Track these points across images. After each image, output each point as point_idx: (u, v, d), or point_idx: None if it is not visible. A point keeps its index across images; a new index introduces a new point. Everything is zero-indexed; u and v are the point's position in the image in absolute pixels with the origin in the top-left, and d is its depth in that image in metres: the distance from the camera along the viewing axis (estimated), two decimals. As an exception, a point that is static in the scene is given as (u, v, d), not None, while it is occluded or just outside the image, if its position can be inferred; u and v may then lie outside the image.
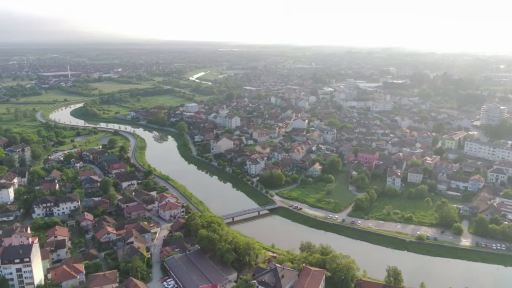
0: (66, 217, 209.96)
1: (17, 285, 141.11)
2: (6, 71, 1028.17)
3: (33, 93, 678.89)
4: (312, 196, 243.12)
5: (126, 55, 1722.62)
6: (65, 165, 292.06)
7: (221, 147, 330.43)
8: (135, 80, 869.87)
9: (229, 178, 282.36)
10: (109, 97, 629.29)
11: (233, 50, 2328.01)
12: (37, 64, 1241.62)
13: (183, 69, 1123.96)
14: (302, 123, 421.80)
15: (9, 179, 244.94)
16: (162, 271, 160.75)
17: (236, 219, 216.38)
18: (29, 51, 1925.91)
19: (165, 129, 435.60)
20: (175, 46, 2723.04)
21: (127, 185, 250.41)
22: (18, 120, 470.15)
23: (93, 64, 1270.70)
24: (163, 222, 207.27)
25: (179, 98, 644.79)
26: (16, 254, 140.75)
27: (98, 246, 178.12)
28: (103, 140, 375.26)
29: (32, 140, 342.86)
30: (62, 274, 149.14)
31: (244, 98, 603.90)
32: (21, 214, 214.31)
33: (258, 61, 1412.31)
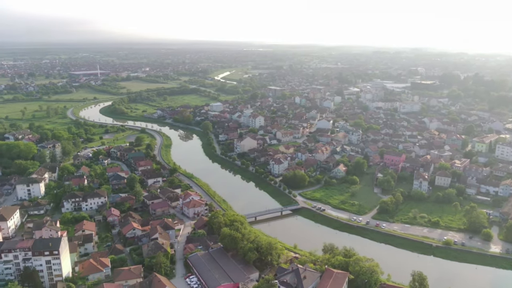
0: (93, 212, 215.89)
1: (46, 277, 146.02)
2: (39, 69, 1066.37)
3: (64, 91, 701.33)
4: (336, 198, 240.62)
5: (153, 54, 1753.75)
6: (94, 161, 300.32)
7: (245, 146, 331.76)
8: (162, 79, 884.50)
9: (252, 178, 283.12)
10: (136, 95, 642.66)
11: (258, 50, 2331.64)
12: (69, 63, 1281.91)
13: (208, 68, 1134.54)
14: (327, 123, 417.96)
15: (40, 174, 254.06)
16: (185, 267, 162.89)
17: (258, 219, 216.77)
18: (61, 50, 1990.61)
19: (190, 128, 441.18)
20: (202, 46, 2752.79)
21: (153, 182, 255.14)
22: (50, 117, 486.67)
23: (121, 64, 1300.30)
24: (186, 220, 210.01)
25: (204, 98, 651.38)
26: (46, 246, 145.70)
27: (123, 241, 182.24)
28: (130, 138, 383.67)
29: (62, 136, 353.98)
30: (89, 267, 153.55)
31: (268, 98, 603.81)
32: (51, 208, 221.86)
33: (283, 60, 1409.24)
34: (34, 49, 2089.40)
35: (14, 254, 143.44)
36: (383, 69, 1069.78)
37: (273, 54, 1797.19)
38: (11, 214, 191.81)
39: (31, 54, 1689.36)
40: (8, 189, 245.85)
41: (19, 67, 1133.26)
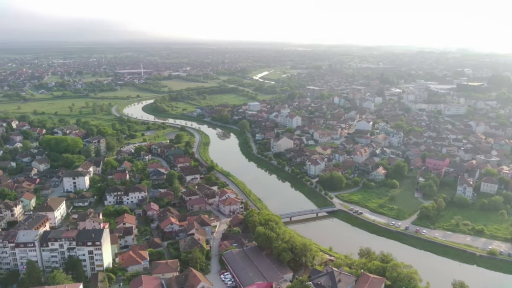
0: (134, 206, 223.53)
1: (88, 266, 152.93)
2: (86, 68, 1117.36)
3: (109, 89, 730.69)
4: (374, 201, 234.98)
5: (194, 54, 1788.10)
6: (135, 157, 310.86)
7: (281, 146, 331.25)
8: (202, 78, 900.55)
9: (288, 178, 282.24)
10: (177, 94, 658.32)
11: (297, 49, 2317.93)
12: (114, 62, 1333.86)
13: (247, 68, 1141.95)
14: (367, 124, 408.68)
15: (85, 167, 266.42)
16: (220, 264, 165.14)
17: (293, 219, 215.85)
18: (107, 49, 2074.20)
19: (228, 127, 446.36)
20: (241, 46, 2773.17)
21: (191, 179, 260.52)
22: (96, 114, 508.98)
23: (164, 63, 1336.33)
24: (222, 217, 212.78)
25: (243, 97, 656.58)
26: (89, 237, 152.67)
27: (161, 235, 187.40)
28: (171, 135, 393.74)
29: (107, 132, 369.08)
30: (129, 259, 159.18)
31: (306, 98, 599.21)
32: (94, 201, 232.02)
33: (323, 60, 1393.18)
34: (82, 48, 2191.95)
35: (59, 243, 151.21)
36: (428, 69, 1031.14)
37: (312, 54, 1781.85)
38: (58, 205, 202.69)
39: (80, 53, 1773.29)
40: (55, 181, 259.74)
41: (68, 65, 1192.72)
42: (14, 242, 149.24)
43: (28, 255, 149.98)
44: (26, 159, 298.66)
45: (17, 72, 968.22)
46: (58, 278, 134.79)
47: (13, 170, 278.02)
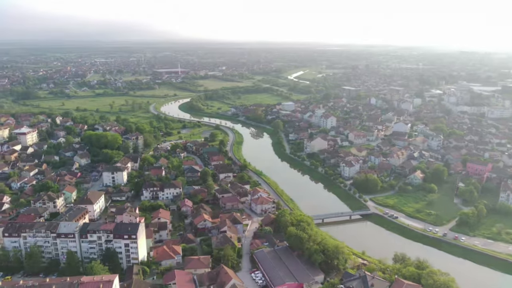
0: (169, 202, 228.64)
1: (124, 258, 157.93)
2: (127, 67, 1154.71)
3: (148, 87, 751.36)
4: (411, 206, 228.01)
5: (230, 54, 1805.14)
6: (171, 154, 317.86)
7: (315, 146, 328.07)
8: (237, 78, 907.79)
9: (321, 179, 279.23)
10: (213, 93, 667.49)
11: (333, 49, 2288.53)
12: (153, 61, 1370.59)
13: (282, 68, 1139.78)
14: (405, 126, 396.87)
15: (124, 163, 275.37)
16: (251, 262, 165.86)
17: (326, 221, 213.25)
18: (146, 49, 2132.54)
19: (261, 126, 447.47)
20: (277, 46, 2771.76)
21: (224, 177, 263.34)
22: (135, 111, 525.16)
23: (200, 62, 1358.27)
24: (254, 215, 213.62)
25: (277, 97, 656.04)
26: (125, 230, 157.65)
27: (195, 231, 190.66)
28: (205, 133, 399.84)
29: (145, 129, 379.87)
30: (163, 253, 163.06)
31: (342, 98, 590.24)
32: (131, 195, 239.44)
33: (359, 60, 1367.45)
34: (122, 48, 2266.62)
35: (98, 235, 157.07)
36: (470, 70, 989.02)
37: (349, 53, 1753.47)
38: (97, 198, 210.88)
39: (120, 53, 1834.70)
40: (95, 176, 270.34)
41: (110, 64, 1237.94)
42: (56, 233, 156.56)
43: (68, 246, 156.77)
44: (68, 154, 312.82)
45: (61, 70, 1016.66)
46: (96, 269, 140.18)
47: (56, 164, 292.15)
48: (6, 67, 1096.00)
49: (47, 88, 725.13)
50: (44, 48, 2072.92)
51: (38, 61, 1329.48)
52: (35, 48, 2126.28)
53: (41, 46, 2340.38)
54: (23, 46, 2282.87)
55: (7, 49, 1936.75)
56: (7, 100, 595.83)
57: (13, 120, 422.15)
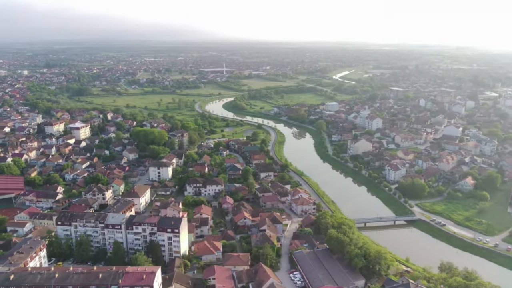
0: (211, 198, 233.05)
1: (167, 251, 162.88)
2: (174, 66, 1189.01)
3: (194, 86, 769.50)
4: (460, 213, 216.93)
5: (274, 54, 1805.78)
6: (214, 151, 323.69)
7: (359, 148, 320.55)
8: (280, 77, 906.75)
9: (364, 182, 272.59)
10: (256, 93, 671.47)
11: (382, 48, 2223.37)
12: (199, 61, 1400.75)
13: (327, 67, 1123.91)
14: (456, 130, 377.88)
15: (169, 159, 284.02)
16: (290, 263, 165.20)
17: (368, 225, 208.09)
18: (194, 49, 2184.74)
19: (304, 126, 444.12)
20: (322, 45, 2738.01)
21: (265, 176, 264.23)
22: (181, 109, 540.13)
23: (245, 62, 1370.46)
24: (294, 216, 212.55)
25: (321, 97, 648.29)
26: (169, 224, 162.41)
27: (235, 228, 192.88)
28: (248, 132, 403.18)
29: (190, 127, 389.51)
30: (203, 248, 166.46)
31: (389, 99, 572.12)
32: (175, 191, 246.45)
33: (409, 60, 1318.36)
34: (170, 47, 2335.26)
35: (143, 228, 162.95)
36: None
37: (398, 53, 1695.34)
38: (143, 192, 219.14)
39: (169, 52, 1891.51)
40: (142, 170, 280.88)
41: (158, 64, 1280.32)
42: (104, 223, 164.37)
43: (115, 236, 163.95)
44: (118, 148, 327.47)
45: (114, 68, 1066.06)
46: (140, 260, 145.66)
47: (106, 158, 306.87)
48: (63, 65, 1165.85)
49: (100, 85, 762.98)
50: (98, 48, 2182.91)
51: (92, 60, 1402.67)
52: (90, 47, 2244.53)
53: (96, 45, 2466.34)
54: (80, 45, 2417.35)
55: (64, 48, 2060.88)
56: (63, 96, 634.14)
57: (68, 115, 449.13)
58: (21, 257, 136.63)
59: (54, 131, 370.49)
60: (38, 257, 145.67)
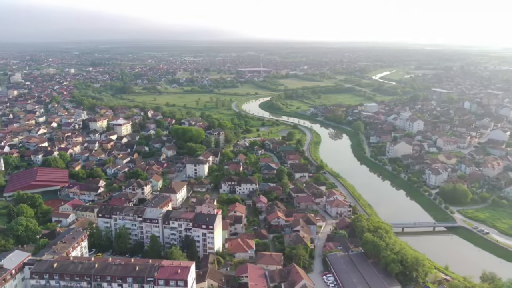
0: (245, 197, 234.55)
1: (201, 247, 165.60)
2: (213, 65, 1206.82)
3: (231, 86, 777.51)
4: (505, 222, 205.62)
5: (313, 53, 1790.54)
6: (249, 150, 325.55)
7: (398, 151, 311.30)
8: (318, 77, 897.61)
9: (403, 185, 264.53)
10: (292, 92, 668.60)
11: (424, 48, 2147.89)
12: (237, 60, 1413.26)
13: (366, 67, 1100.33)
14: (503, 134, 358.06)
15: (206, 157, 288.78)
16: (323, 265, 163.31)
17: (406, 230, 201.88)
18: (232, 49, 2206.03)
19: (341, 127, 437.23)
20: (361, 45, 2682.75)
21: (299, 176, 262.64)
22: (218, 108, 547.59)
23: (282, 62, 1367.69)
24: (328, 218, 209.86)
25: (359, 97, 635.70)
26: (204, 220, 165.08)
27: (268, 227, 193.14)
28: (283, 132, 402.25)
29: (226, 126, 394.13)
30: (237, 246, 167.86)
31: (431, 101, 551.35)
32: (211, 188, 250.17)
33: (453, 61, 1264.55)
34: (210, 47, 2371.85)
35: (178, 223, 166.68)
36: None
37: (441, 54, 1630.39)
38: (180, 188, 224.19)
39: (208, 52, 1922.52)
40: (180, 167, 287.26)
41: (198, 63, 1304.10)
42: (142, 217, 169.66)
43: (152, 230, 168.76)
44: (157, 145, 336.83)
45: (155, 68, 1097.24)
46: (175, 254, 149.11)
47: (146, 154, 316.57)
48: (108, 64, 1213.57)
49: (141, 84, 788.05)
50: (141, 47, 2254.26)
51: (135, 59, 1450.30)
52: (133, 46, 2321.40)
53: (138, 45, 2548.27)
54: (123, 44, 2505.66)
55: (108, 48, 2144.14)
56: (107, 94, 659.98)
57: (111, 112, 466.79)
58: (64, 247, 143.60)
59: (97, 127, 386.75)
60: (79, 247, 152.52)
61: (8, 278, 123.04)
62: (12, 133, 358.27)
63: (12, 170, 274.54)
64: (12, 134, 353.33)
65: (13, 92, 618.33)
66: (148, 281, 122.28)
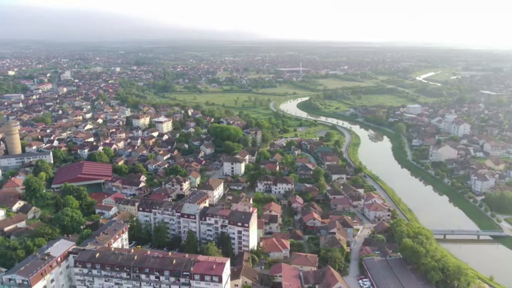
0: (280, 196, 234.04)
1: (236, 244, 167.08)
2: (252, 65, 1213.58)
3: (269, 85, 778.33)
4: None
5: (353, 53, 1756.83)
6: (286, 150, 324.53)
7: (442, 155, 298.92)
8: (359, 78, 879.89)
9: (446, 191, 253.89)
10: (332, 93, 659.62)
11: (471, 49, 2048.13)
12: (276, 60, 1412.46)
13: (410, 68, 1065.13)
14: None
15: (242, 155, 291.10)
16: (359, 269, 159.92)
17: (448, 237, 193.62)
18: (271, 49, 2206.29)
19: (381, 129, 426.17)
20: (404, 45, 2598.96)
21: (337, 178, 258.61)
22: (256, 107, 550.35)
23: (322, 61, 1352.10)
24: (366, 221, 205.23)
25: (401, 98, 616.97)
26: (239, 218, 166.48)
27: (303, 228, 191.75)
28: (321, 133, 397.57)
29: (263, 125, 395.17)
30: (271, 245, 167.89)
31: (479, 103, 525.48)
32: (247, 186, 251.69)
33: (504, 62, 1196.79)
34: (249, 47, 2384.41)
35: (215, 219, 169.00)
36: None
37: (490, 55, 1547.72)
38: (217, 186, 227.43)
39: (247, 52, 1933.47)
40: (217, 165, 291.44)
41: (237, 63, 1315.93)
42: (180, 213, 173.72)
43: (190, 226, 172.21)
44: (196, 143, 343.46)
45: (196, 67, 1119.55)
46: (211, 250, 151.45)
47: (185, 151, 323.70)
48: (151, 63, 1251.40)
49: (182, 83, 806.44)
50: (182, 47, 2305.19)
51: (177, 59, 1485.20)
52: (176, 46, 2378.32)
53: (180, 44, 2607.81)
54: (166, 44, 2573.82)
55: (152, 48, 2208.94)
56: (150, 92, 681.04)
57: (153, 110, 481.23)
58: (106, 238, 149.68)
59: (140, 124, 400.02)
60: (120, 239, 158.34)
61: (54, 265, 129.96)
62: (61, 128, 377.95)
63: (60, 163, 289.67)
64: (61, 129, 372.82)
65: (63, 89, 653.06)
66: (184, 275, 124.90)
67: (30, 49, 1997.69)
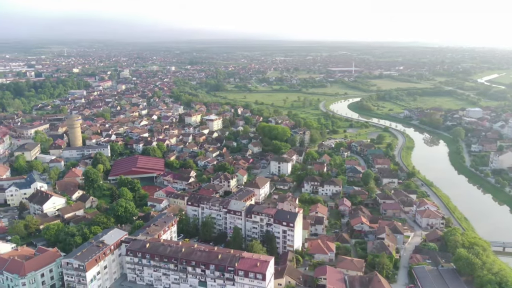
0: (327, 198, 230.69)
1: (281, 244, 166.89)
2: (302, 65, 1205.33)
3: (320, 85, 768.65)
4: None
5: (409, 53, 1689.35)
6: (335, 151, 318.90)
7: (504, 162, 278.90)
8: (415, 78, 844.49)
9: (507, 201, 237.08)
10: (385, 94, 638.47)
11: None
12: (328, 60, 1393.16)
13: (471, 69, 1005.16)
14: None
15: (290, 155, 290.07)
16: (409, 277, 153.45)
17: (507, 250, 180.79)
18: (323, 48, 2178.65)
19: (437, 132, 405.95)
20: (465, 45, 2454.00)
21: (388, 182, 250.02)
22: (305, 107, 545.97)
23: (376, 62, 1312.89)
24: (417, 228, 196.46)
25: (461, 101, 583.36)
26: (285, 217, 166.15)
27: (350, 232, 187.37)
28: (372, 135, 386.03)
29: (312, 126, 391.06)
30: (317, 247, 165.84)
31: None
32: (293, 186, 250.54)
33: None
34: (301, 47, 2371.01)
35: (260, 217, 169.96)
36: None
37: None
38: (263, 184, 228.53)
39: (298, 51, 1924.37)
40: (264, 163, 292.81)
41: (288, 63, 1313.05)
42: (227, 209, 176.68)
43: (235, 222, 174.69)
44: (244, 141, 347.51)
45: (247, 67, 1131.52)
46: (255, 248, 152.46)
47: (234, 149, 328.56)
48: (204, 62, 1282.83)
49: (233, 82, 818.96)
50: (235, 47, 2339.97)
51: (229, 58, 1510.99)
52: (228, 46, 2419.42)
53: (232, 44, 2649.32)
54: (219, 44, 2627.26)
55: (205, 47, 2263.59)
56: (202, 91, 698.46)
57: (204, 108, 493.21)
58: (156, 229, 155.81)
59: (192, 121, 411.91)
60: (169, 231, 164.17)
61: (108, 252, 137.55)
62: (119, 123, 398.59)
63: (117, 156, 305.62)
64: (118, 124, 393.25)
65: (121, 87, 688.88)
66: (228, 270, 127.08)
67: (93, 48, 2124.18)
